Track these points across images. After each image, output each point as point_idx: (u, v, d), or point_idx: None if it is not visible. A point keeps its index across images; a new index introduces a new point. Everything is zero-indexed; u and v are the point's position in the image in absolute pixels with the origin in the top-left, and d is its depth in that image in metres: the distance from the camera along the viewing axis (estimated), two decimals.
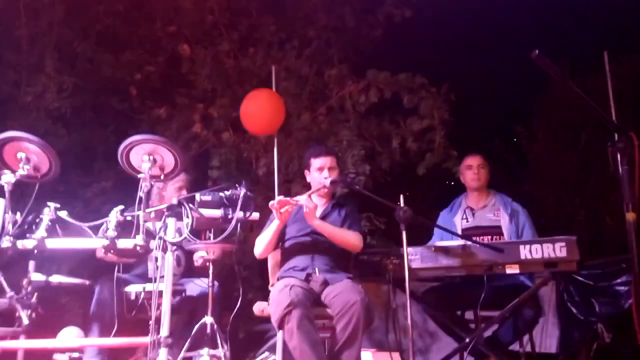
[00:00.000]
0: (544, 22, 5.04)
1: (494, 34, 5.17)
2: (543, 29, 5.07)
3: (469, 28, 5.05)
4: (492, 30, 5.14)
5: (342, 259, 2.61)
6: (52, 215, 2.33)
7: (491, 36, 5.20)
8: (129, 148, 2.49)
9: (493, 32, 5.16)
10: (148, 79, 4.49)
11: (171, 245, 2.37)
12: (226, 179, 4.16)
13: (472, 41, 5.22)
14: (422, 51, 4.76)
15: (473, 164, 3.12)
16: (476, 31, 5.15)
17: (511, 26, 5.03)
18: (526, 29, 4.97)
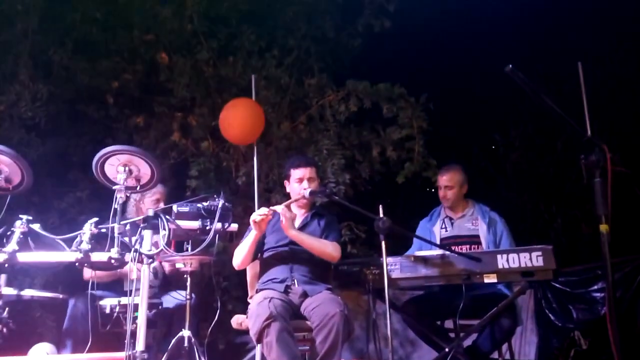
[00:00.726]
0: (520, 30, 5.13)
1: (471, 43, 5.25)
2: (520, 36, 5.17)
3: (447, 37, 5.12)
4: (470, 39, 5.22)
5: (322, 269, 2.59)
6: (24, 228, 2.27)
7: (469, 45, 5.28)
8: (104, 159, 2.45)
9: (471, 41, 5.24)
10: (125, 87, 4.42)
11: (147, 258, 2.32)
12: (205, 188, 4.11)
13: (450, 51, 5.29)
14: (401, 61, 4.81)
15: (441, 185, 3.13)
16: (454, 40, 5.22)
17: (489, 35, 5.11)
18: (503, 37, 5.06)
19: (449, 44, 5.05)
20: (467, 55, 5.26)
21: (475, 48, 5.24)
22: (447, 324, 3.01)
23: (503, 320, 2.70)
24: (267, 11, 4.74)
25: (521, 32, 5.16)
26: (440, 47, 5.00)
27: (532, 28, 5.23)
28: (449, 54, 5.18)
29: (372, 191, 4.49)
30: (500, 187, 5.85)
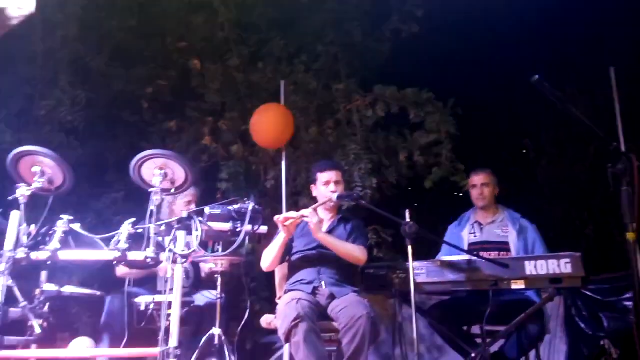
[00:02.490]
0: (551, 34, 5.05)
1: (501, 47, 5.20)
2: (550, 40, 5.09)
3: (476, 42, 5.09)
4: (499, 43, 5.18)
5: (349, 272, 2.63)
6: (65, 228, 2.39)
7: (499, 50, 5.23)
8: (141, 162, 2.56)
9: (500, 46, 5.19)
10: (159, 92, 4.57)
11: (181, 258, 2.41)
12: (235, 191, 4.21)
13: (479, 55, 5.26)
14: (429, 66, 4.80)
15: (477, 183, 3.14)
16: (483, 44, 5.18)
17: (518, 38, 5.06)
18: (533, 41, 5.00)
19: (478, 48, 5.02)
20: (496, 59, 5.21)
21: (505, 51, 5.19)
22: (474, 329, 3.01)
23: (531, 327, 2.68)
24: (295, 18, 4.83)
25: (552, 36, 5.09)
26: (469, 51, 4.97)
27: (563, 32, 5.15)
28: (478, 58, 5.15)
29: (399, 196, 4.50)
30: (530, 193, 5.77)
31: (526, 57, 4.60)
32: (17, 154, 2.43)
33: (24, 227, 2.36)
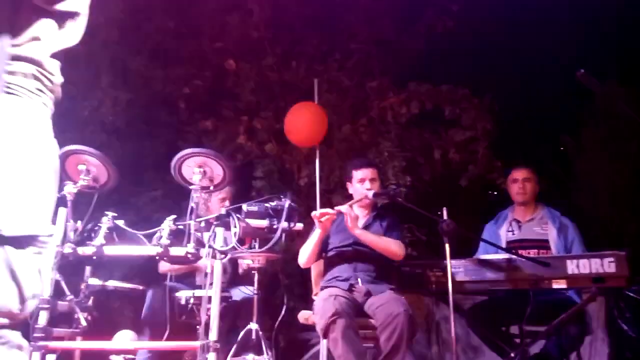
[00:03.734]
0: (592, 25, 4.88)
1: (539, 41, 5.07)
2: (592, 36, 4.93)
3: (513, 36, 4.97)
4: (537, 37, 5.04)
5: (385, 269, 2.63)
6: (109, 224, 2.48)
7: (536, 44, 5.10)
8: (181, 161, 2.63)
9: (538, 40, 5.06)
10: (196, 92, 4.67)
11: (220, 254, 2.46)
12: (269, 189, 4.26)
13: (516, 50, 5.13)
14: (465, 61, 4.73)
15: (518, 178, 3.09)
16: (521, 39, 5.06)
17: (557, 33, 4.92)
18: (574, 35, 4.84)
19: (516, 42, 4.90)
20: (534, 54, 5.09)
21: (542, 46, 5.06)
22: (512, 329, 2.95)
23: (571, 327, 2.62)
24: (329, 16, 4.84)
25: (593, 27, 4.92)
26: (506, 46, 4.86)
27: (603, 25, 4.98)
28: (515, 52, 5.03)
29: (433, 194, 4.46)
30: (569, 191, 5.61)
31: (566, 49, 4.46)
32: (64, 153, 2.53)
33: (71, 223, 2.45)
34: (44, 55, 1.19)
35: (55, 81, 1.22)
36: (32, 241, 1.12)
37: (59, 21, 1.23)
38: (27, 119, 1.14)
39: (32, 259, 1.13)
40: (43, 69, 1.18)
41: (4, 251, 1.08)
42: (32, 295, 1.15)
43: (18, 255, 1.10)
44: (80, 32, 1.31)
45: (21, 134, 1.12)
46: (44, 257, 1.17)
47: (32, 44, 1.17)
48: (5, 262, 1.08)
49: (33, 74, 1.15)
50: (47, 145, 1.19)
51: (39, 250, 1.15)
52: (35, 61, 1.16)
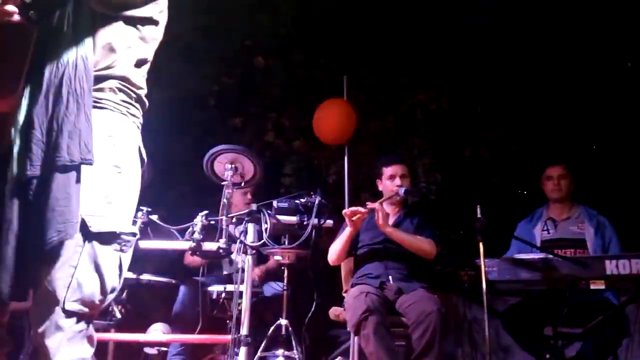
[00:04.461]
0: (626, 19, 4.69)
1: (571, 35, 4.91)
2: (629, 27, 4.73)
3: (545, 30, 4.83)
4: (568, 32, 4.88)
5: (417, 267, 2.61)
6: (144, 218, 2.53)
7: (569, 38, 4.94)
8: (213, 157, 2.66)
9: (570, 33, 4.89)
10: (225, 90, 4.71)
11: (250, 249, 2.49)
12: (297, 186, 4.27)
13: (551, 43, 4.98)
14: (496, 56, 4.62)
15: (553, 175, 3.02)
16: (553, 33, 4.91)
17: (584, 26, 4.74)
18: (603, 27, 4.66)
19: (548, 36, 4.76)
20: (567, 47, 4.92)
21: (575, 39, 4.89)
22: (546, 331, 2.89)
23: (608, 330, 2.54)
24: (357, 12, 4.81)
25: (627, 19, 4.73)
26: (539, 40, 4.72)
27: None
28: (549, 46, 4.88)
29: (463, 191, 4.39)
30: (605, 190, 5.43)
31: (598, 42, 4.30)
32: None
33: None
34: (128, 69, 1.29)
35: (140, 92, 1.34)
36: (115, 238, 1.21)
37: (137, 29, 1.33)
38: (114, 129, 1.25)
39: (114, 255, 1.22)
40: (128, 82, 1.29)
41: (91, 246, 1.18)
42: (111, 288, 1.22)
43: (102, 250, 1.19)
44: (159, 37, 1.37)
45: (109, 144, 1.23)
46: (124, 255, 1.25)
47: (113, 57, 1.26)
48: (91, 255, 1.18)
49: (119, 88, 1.27)
50: (132, 153, 1.30)
51: (121, 248, 1.23)
52: (119, 77, 1.27)
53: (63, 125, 1.14)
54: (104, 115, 1.24)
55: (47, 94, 1.16)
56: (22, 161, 1.13)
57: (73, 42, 1.19)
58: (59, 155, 1.12)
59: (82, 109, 1.16)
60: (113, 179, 1.23)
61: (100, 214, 1.19)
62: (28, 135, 1.14)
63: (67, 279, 1.14)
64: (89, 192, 1.17)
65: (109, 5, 1.25)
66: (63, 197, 1.12)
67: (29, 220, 1.12)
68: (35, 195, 1.12)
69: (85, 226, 1.16)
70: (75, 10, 1.21)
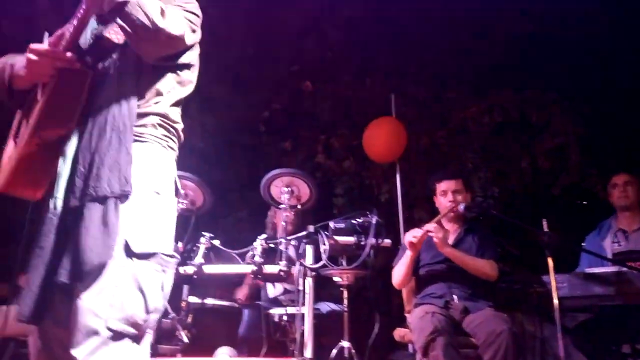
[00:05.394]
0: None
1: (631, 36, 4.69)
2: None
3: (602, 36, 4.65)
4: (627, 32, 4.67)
5: (482, 285, 2.52)
6: (207, 244, 2.60)
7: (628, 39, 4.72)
8: (269, 181, 2.72)
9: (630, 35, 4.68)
10: (274, 115, 4.83)
11: (310, 271, 2.50)
12: (349, 206, 4.28)
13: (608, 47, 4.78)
14: (549, 64, 4.48)
15: (619, 182, 2.89)
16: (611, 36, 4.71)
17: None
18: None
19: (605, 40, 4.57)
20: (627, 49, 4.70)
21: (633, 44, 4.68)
22: (624, 349, 2.71)
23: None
24: (401, 31, 4.82)
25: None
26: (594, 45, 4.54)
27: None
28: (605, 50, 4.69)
29: (523, 204, 4.24)
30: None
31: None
32: None
33: (173, 244, 2.60)
34: (167, 107, 1.39)
35: (177, 127, 1.43)
36: (156, 258, 1.26)
37: (176, 75, 1.43)
38: (154, 159, 1.34)
39: (156, 275, 1.26)
40: (167, 119, 1.39)
41: (133, 265, 1.22)
42: (154, 308, 1.26)
43: (144, 270, 1.24)
44: (194, 79, 1.49)
45: (150, 172, 1.31)
46: (166, 276, 1.28)
47: (156, 99, 1.37)
48: (133, 275, 1.22)
49: (159, 123, 1.36)
50: (170, 181, 1.37)
51: (162, 269, 1.27)
52: (160, 114, 1.36)
53: (105, 159, 1.22)
54: (145, 148, 1.32)
55: (93, 131, 1.25)
56: (65, 192, 1.22)
57: (119, 85, 1.31)
58: (99, 186, 1.20)
59: (123, 144, 1.25)
60: (153, 204, 1.29)
61: (141, 235, 1.24)
62: (73, 168, 1.23)
63: (110, 299, 1.18)
64: (131, 215, 1.23)
65: (154, 57, 1.35)
66: (102, 225, 1.18)
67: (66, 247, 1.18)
68: (75, 224, 1.19)
69: (128, 247, 1.21)
70: (122, 57, 1.33)
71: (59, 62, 1.27)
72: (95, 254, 1.16)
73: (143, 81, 1.36)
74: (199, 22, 1.46)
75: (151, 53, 1.33)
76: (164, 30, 1.27)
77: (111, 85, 1.31)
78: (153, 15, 1.25)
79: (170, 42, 1.32)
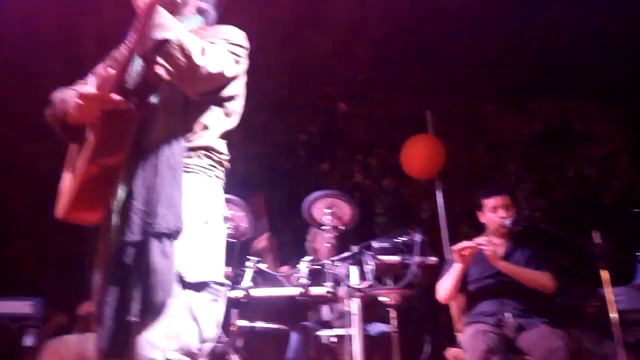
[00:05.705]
0: None
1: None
2: None
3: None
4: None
5: (536, 301, 2.44)
6: (254, 268, 2.65)
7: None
8: (310, 203, 2.77)
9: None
10: (311, 138, 4.90)
11: (356, 291, 2.50)
12: (391, 224, 4.26)
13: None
14: (590, 71, 4.37)
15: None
16: None
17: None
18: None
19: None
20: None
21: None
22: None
23: None
24: (431, 47, 4.83)
25: None
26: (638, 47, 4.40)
27: None
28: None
29: (571, 215, 4.10)
30: None
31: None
32: None
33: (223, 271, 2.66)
34: (213, 139, 1.44)
35: (223, 157, 1.47)
36: (208, 288, 1.29)
37: (222, 107, 1.47)
38: (202, 190, 1.38)
39: (209, 305, 1.29)
40: (214, 150, 1.43)
41: (187, 296, 1.26)
42: (208, 337, 1.29)
43: (197, 299, 1.27)
44: (239, 109, 1.53)
45: (198, 202, 1.35)
46: (218, 305, 1.32)
47: (203, 132, 1.41)
48: (187, 305, 1.25)
49: (206, 155, 1.40)
50: (218, 210, 1.41)
51: (214, 298, 1.31)
52: (207, 147, 1.41)
53: (160, 196, 1.26)
54: (192, 178, 1.35)
55: (145, 168, 1.30)
56: (121, 227, 1.26)
57: (168, 120, 1.35)
58: (156, 223, 1.23)
59: (176, 180, 1.29)
60: (203, 233, 1.32)
61: (194, 265, 1.27)
62: (128, 204, 1.27)
63: (167, 329, 1.21)
64: (182, 246, 1.27)
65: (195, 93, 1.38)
66: (163, 261, 1.22)
67: (128, 282, 1.22)
68: (135, 260, 1.23)
69: (182, 278, 1.25)
70: (169, 92, 1.37)
71: (106, 105, 1.30)
72: (164, 291, 1.20)
73: (190, 115, 1.39)
74: (244, 52, 1.48)
75: (192, 89, 1.36)
76: (203, 67, 1.29)
77: (161, 120, 1.35)
78: (193, 53, 1.28)
79: (210, 78, 1.34)
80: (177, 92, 1.37)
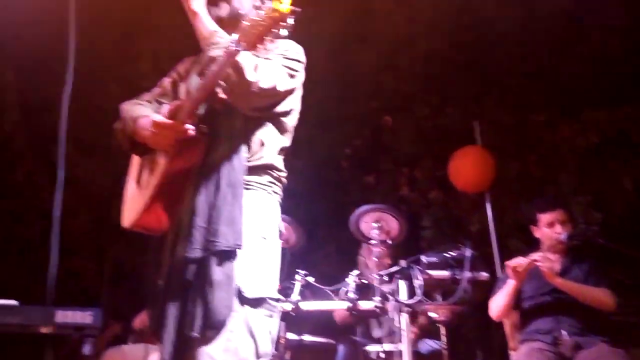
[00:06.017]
0: None
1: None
2: None
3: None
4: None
5: (594, 319, 2.35)
6: (303, 281, 2.68)
7: None
8: (358, 217, 2.78)
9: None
10: (356, 151, 4.92)
11: (405, 307, 2.48)
12: (439, 238, 4.19)
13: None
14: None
15: None
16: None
17: None
18: None
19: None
20: None
21: None
22: None
23: None
24: (478, 57, 4.75)
25: None
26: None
27: None
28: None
29: (629, 228, 3.89)
30: None
31: None
32: None
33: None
34: (272, 157, 1.48)
35: (281, 174, 1.51)
36: (264, 303, 1.32)
37: (278, 122, 1.50)
38: (260, 206, 1.42)
39: (265, 320, 1.32)
40: (272, 168, 1.47)
41: (245, 311, 1.29)
42: (264, 352, 1.32)
43: (254, 315, 1.30)
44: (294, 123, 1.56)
45: (257, 218, 1.39)
46: (273, 320, 1.35)
47: (262, 150, 1.45)
48: (245, 320, 1.28)
49: (265, 172, 1.45)
50: (275, 225, 1.45)
51: (270, 314, 1.34)
52: (267, 165, 1.45)
53: (221, 215, 1.30)
54: (251, 195, 1.39)
55: (207, 186, 1.34)
56: (184, 244, 1.31)
57: (229, 142, 1.40)
58: (218, 241, 1.27)
59: (237, 199, 1.33)
60: (261, 249, 1.35)
61: (252, 281, 1.30)
62: (191, 222, 1.32)
63: (225, 343, 1.24)
64: (241, 261, 1.30)
65: (249, 109, 1.42)
66: (224, 278, 1.25)
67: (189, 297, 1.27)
68: (196, 276, 1.27)
69: (240, 293, 1.28)
70: (231, 117, 1.42)
71: (179, 135, 1.36)
72: (225, 308, 1.25)
73: (249, 133, 1.44)
74: (301, 67, 1.50)
75: (245, 105, 1.40)
76: (254, 83, 1.32)
77: (223, 140, 1.40)
78: (245, 69, 1.31)
79: (263, 93, 1.37)
80: (237, 114, 1.41)
